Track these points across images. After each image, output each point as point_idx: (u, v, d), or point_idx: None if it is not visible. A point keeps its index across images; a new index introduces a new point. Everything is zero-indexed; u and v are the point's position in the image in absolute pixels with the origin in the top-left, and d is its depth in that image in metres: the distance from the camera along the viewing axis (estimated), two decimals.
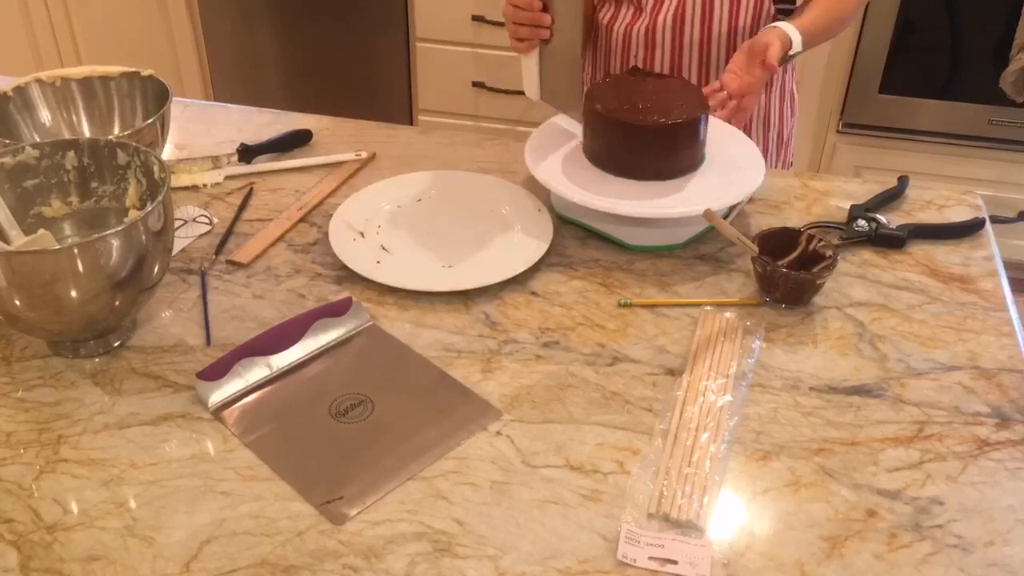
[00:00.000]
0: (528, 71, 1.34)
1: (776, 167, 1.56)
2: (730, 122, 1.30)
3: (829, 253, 1.12)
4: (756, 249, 1.12)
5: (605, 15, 1.48)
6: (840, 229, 1.24)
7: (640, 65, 1.45)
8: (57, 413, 0.98)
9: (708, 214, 1.10)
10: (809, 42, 1.32)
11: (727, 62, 1.42)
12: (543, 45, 1.30)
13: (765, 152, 1.51)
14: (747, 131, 1.47)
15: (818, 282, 1.11)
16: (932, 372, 1.04)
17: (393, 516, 0.88)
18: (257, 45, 2.77)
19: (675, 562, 0.83)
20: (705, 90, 1.27)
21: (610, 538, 0.86)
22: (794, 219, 1.28)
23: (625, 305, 1.13)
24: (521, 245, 1.21)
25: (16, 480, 0.91)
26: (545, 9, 1.26)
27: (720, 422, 0.97)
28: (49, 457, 0.93)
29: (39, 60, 2.87)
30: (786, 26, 1.29)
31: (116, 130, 1.34)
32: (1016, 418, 0.98)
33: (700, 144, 1.24)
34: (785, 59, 1.30)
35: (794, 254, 1.14)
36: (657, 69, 1.45)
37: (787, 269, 1.11)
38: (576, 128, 1.29)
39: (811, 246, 1.14)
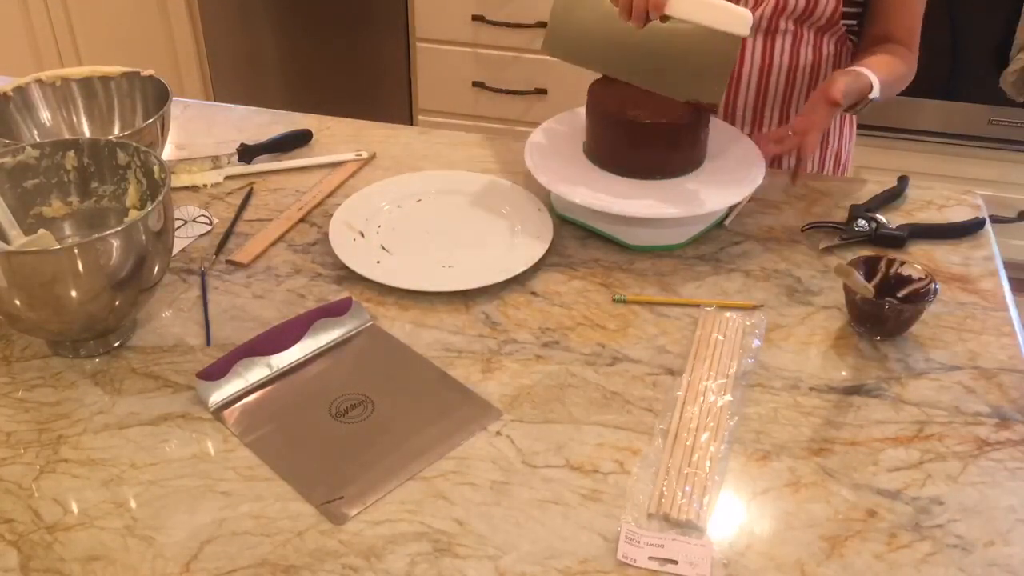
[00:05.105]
0: None
1: None
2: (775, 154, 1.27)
3: (918, 276, 1.08)
4: (872, 291, 1.07)
5: None
6: (840, 229, 1.24)
7: None
8: (57, 413, 0.98)
9: (841, 269, 1.06)
10: (884, 88, 1.27)
11: (784, 98, 1.40)
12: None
13: (821, 170, 1.48)
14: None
15: (927, 308, 1.08)
16: (932, 372, 1.04)
17: (393, 516, 0.88)
18: (257, 45, 2.77)
19: (675, 562, 0.83)
20: (772, 134, 1.25)
21: (610, 538, 0.86)
22: (794, 219, 1.28)
23: (619, 301, 1.13)
24: (521, 245, 1.21)
25: (16, 480, 0.91)
26: None
27: (720, 422, 0.97)
28: (49, 457, 0.93)
29: (39, 60, 2.86)
30: (863, 69, 1.26)
31: (116, 130, 1.34)
32: (1016, 418, 0.98)
33: (701, 144, 1.24)
34: (863, 103, 1.27)
35: (875, 281, 1.10)
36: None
37: (898, 302, 1.07)
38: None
39: (892, 270, 1.10)
